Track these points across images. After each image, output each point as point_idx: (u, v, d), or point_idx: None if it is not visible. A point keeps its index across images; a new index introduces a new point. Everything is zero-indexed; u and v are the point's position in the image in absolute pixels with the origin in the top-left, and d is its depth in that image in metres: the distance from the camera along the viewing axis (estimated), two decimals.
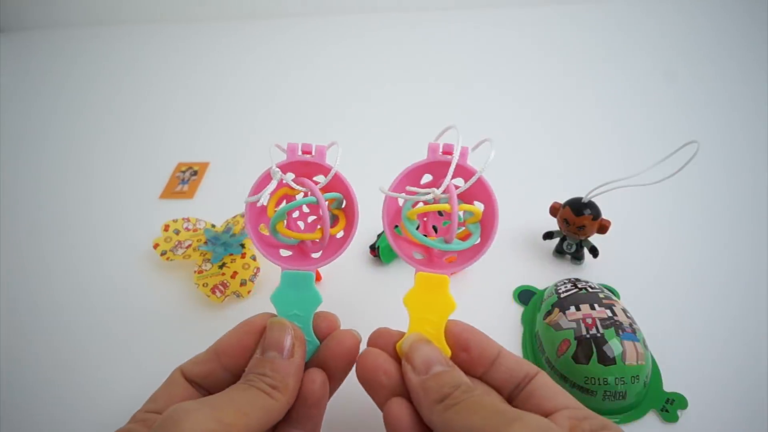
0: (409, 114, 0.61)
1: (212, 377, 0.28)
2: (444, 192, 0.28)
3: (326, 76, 0.71)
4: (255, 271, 0.41)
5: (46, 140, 0.63)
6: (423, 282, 0.28)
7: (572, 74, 0.67)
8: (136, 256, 0.45)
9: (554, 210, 0.41)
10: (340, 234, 0.30)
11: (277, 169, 0.28)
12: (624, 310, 0.33)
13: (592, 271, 0.41)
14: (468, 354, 0.27)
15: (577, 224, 0.39)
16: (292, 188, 0.29)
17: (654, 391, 0.32)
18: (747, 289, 0.39)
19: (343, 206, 0.31)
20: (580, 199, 0.39)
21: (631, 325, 0.32)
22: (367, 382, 0.26)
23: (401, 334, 0.28)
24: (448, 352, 0.27)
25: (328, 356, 0.28)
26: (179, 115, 0.65)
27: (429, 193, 0.28)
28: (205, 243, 0.43)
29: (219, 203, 0.49)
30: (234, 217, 0.45)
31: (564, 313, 0.33)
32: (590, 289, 0.35)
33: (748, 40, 0.70)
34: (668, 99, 0.60)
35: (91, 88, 0.73)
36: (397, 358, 0.27)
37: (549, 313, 0.34)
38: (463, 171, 0.30)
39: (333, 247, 0.30)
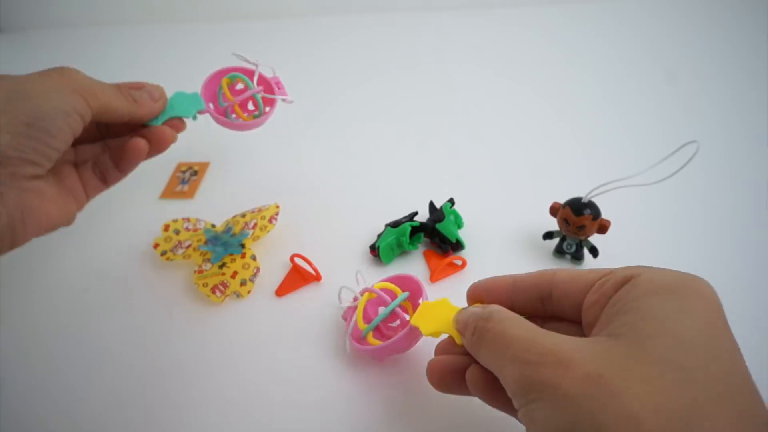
0: (408, 114, 0.61)
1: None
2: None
3: (326, 76, 0.71)
4: (255, 271, 0.41)
5: None
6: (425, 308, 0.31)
7: (572, 74, 0.67)
8: (136, 256, 0.45)
9: (554, 210, 0.41)
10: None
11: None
12: None
13: None
14: (482, 295, 0.28)
15: (577, 224, 0.39)
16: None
17: None
18: (747, 289, 0.39)
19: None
20: (580, 199, 0.39)
21: None
22: (448, 389, 0.28)
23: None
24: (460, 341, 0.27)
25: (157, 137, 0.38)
26: None
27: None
28: (205, 243, 0.43)
29: (219, 203, 0.49)
30: (234, 217, 0.45)
31: None
32: None
33: (748, 40, 0.70)
34: (668, 99, 0.60)
35: None
36: (457, 350, 0.28)
37: None
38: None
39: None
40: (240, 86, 0.45)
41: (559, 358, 0.19)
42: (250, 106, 0.45)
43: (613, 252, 0.41)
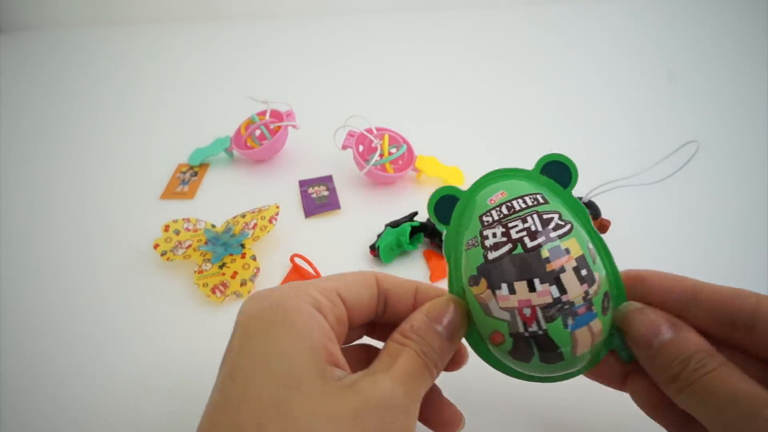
0: (408, 113, 0.61)
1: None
2: None
3: (325, 76, 0.71)
4: (255, 271, 0.41)
5: (46, 140, 0.63)
6: None
7: (572, 73, 0.67)
8: (137, 257, 0.45)
9: None
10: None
11: None
12: (581, 262, 0.23)
13: None
14: (648, 293, 0.24)
15: None
16: None
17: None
18: (747, 288, 0.39)
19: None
20: (580, 198, 0.39)
21: (586, 296, 0.22)
22: (591, 376, 0.26)
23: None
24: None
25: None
26: (180, 115, 0.65)
27: None
28: (206, 243, 0.43)
29: (219, 204, 0.49)
30: (234, 217, 0.45)
31: (494, 294, 0.23)
32: (530, 237, 0.23)
33: (748, 40, 0.70)
34: (669, 98, 0.60)
35: (92, 89, 0.73)
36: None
37: (475, 279, 0.24)
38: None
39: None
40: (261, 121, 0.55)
41: None
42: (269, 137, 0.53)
43: (613, 252, 0.41)
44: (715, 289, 0.23)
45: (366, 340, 0.28)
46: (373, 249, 0.42)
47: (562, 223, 0.23)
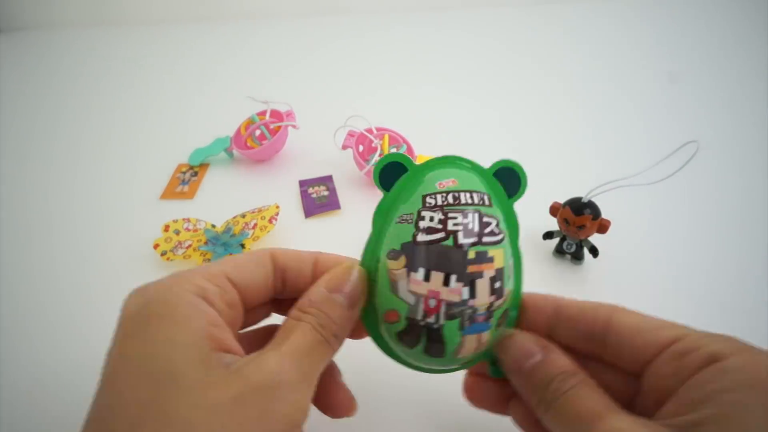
0: (406, 113, 0.61)
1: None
2: None
3: (325, 76, 0.71)
4: None
5: (46, 140, 0.63)
6: None
7: (573, 74, 0.67)
8: (137, 257, 0.45)
9: (554, 210, 0.41)
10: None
11: None
12: (499, 274, 0.23)
13: (592, 271, 0.41)
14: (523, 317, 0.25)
15: (577, 224, 0.39)
16: None
17: None
18: (747, 288, 0.39)
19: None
20: (580, 198, 0.39)
21: (489, 307, 0.22)
22: (486, 409, 0.26)
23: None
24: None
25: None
26: (180, 115, 0.65)
27: None
28: (206, 243, 0.43)
29: (219, 204, 0.49)
30: (234, 217, 0.45)
31: (408, 275, 0.22)
32: (466, 237, 0.23)
33: (748, 40, 0.70)
34: (668, 99, 0.60)
35: (92, 89, 0.73)
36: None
37: (396, 253, 0.23)
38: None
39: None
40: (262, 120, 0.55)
41: None
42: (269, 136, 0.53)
43: (613, 252, 0.41)
44: (574, 305, 0.24)
45: (275, 318, 0.27)
46: None
47: (497, 231, 0.23)
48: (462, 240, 0.22)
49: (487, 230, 0.23)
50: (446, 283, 0.22)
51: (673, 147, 0.35)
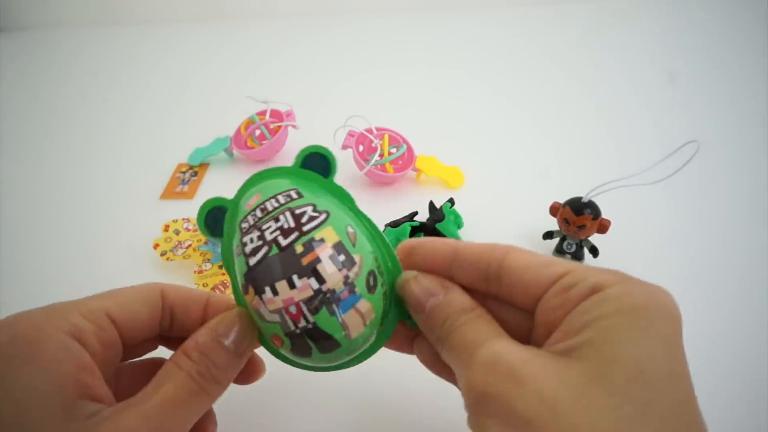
0: (406, 113, 0.61)
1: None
2: None
3: (325, 76, 0.71)
4: None
5: (46, 140, 0.63)
6: None
7: (572, 74, 0.67)
8: (137, 256, 0.45)
9: (554, 210, 0.41)
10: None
11: None
12: (338, 248, 0.23)
13: None
14: (418, 261, 0.25)
15: (577, 224, 0.39)
16: None
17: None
18: (747, 288, 0.39)
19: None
20: (580, 198, 0.39)
21: (346, 281, 0.22)
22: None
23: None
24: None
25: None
26: (180, 115, 0.65)
27: None
28: (205, 243, 0.43)
29: None
30: None
31: (261, 299, 0.23)
32: (283, 234, 0.23)
33: (748, 40, 0.70)
34: (668, 99, 0.60)
35: (92, 88, 0.73)
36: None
37: (245, 287, 0.23)
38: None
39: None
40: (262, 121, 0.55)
41: (515, 374, 0.18)
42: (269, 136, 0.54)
43: (613, 252, 0.41)
44: (471, 247, 0.24)
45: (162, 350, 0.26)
46: None
47: (316, 215, 0.23)
48: (284, 242, 0.23)
49: (305, 219, 0.23)
50: (292, 286, 0.22)
51: (673, 147, 0.35)
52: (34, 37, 0.89)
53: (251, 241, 0.23)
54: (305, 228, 0.23)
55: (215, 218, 0.26)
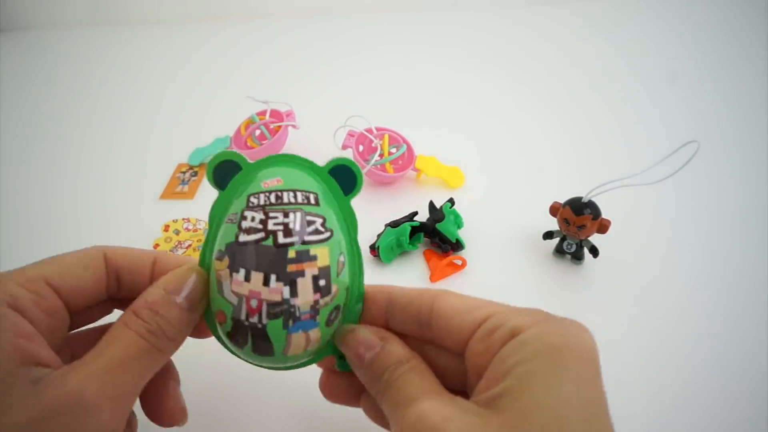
0: (406, 114, 0.61)
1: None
2: None
3: (325, 76, 0.71)
4: None
5: (46, 140, 0.63)
6: None
7: (572, 74, 0.67)
8: None
9: (554, 210, 0.41)
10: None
11: None
12: (324, 272, 0.23)
13: (592, 271, 0.41)
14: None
15: (577, 224, 0.39)
16: None
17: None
18: (747, 288, 0.39)
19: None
20: (580, 198, 0.39)
21: (315, 306, 0.23)
22: (343, 403, 0.27)
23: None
24: None
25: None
26: (180, 115, 0.65)
27: None
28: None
29: None
30: None
31: (231, 276, 0.22)
32: (288, 236, 0.23)
33: (748, 40, 0.70)
34: (668, 99, 0.60)
35: (92, 88, 0.73)
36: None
37: (220, 254, 0.23)
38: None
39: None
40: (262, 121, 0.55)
41: None
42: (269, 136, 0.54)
43: (613, 252, 0.41)
44: (403, 294, 0.24)
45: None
46: (373, 249, 0.42)
47: (323, 230, 0.23)
48: (281, 240, 0.22)
49: (310, 229, 0.23)
50: (266, 283, 0.22)
51: (673, 147, 0.35)
52: (33, 37, 0.89)
53: (252, 219, 0.23)
54: (307, 238, 0.23)
55: (225, 171, 0.25)
